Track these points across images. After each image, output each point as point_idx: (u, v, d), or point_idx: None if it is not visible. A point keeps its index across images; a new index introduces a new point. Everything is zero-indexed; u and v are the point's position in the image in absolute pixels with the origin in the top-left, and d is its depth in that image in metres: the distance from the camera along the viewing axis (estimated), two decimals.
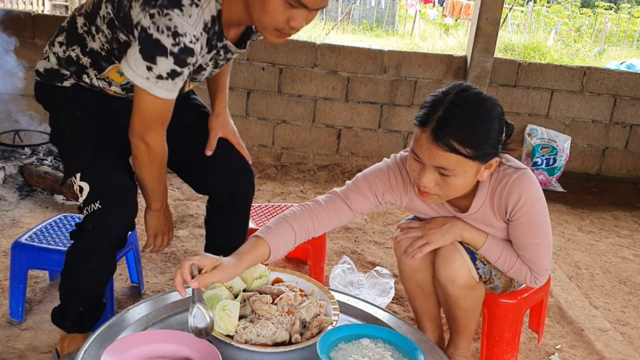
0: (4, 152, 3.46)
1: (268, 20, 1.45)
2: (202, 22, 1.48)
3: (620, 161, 4.65)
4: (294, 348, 1.38)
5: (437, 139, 1.43)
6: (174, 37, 1.42)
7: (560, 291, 2.78)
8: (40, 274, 2.44)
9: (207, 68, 1.70)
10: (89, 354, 1.32)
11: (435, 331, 2.00)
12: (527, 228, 1.63)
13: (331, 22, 16.44)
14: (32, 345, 2.00)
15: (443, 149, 1.43)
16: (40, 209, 3.10)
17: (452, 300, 1.78)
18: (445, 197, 1.57)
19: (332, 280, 2.51)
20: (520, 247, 1.69)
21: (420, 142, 1.47)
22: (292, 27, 1.46)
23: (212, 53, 1.63)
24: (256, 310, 1.47)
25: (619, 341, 2.40)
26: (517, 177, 1.59)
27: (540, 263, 1.68)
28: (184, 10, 1.43)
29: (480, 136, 1.45)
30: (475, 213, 1.68)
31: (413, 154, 1.51)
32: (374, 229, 3.35)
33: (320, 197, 1.68)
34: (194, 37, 1.45)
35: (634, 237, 3.68)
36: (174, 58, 1.44)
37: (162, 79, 1.46)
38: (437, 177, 1.49)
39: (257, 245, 1.50)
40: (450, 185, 1.50)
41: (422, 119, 1.48)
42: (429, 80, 4.37)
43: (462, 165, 1.45)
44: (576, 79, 4.43)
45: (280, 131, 4.40)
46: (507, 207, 1.61)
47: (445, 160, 1.44)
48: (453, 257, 1.70)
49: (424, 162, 1.48)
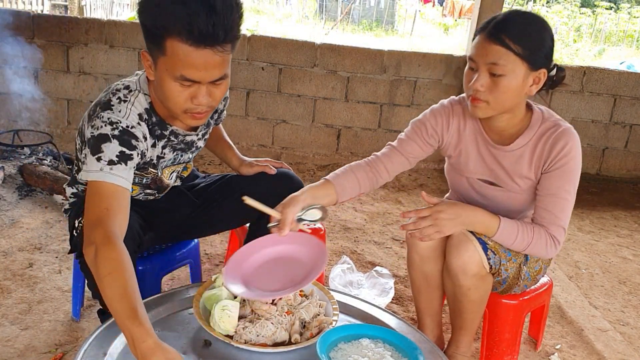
0: (3, 152, 3.46)
1: (172, 104, 1.49)
2: (134, 113, 1.54)
3: (620, 161, 4.65)
4: (294, 348, 1.38)
5: (490, 35, 1.60)
6: (111, 125, 1.49)
7: (560, 291, 2.78)
8: (38, 273, 2.44)
9: (167, 155, 1.73)
10: (89, 354, 1.32)
11: (435, 329, 2.00)
12: (562, 179, 1.69)
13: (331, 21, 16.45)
14: (32, 345, 2.00)
15: (495, 43, 1.59)
16: (39, 209, 3.10)
17: (462, 292, 1.77)
18: (495, 104, 1.65)
19: (332, 280, 2.51)
20: (548, 200, 1.70)
21: (476, 45, 1.64)
22: (198, 103, 1.46)
23: (162, 141, 1.67)
24: (256, 310, 1.47)
25: (618, 341, 2.40)
26: (567, 128, 1.70)
27: (562, 219, 1.70)
28: (113, 109, 1.52)
29: (531, 39, 1.60)
30: (515, 150, 1.75)
31: (469, 62, 1.67)
32: (374, 229, 3.35)
33: (380, 151, 1.90)
34: (129, 124, 1.52)
35: (633, 237, 3.68)
36: (117, 140, 1.49)
37: (114, 163, 1.46)
38: (488, 80, 1.61)
39: (326, 186, 1.76)
40: (500, 88, 1.61)
41: (479, 28, 1.66)
42: (429, 80, 4.37)
43: (512, 63, 1.58)
44: (576, 78, 4.43)
45: (279, 131, 4.40)
46: (551, 153, 1.69)
47: (497, 54, 1.58)
48: (466, 247, 1.71)
49: (477, 64, 1.63)
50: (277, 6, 18.08)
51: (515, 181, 1.78)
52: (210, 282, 1.57)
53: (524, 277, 1.85)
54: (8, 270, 2.45)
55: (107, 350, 1.33)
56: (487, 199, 1.85)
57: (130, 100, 1.55)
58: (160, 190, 1.85)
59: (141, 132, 1.54)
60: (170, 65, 1.40)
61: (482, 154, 1.82)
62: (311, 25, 15.69)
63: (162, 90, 1.47)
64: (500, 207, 1.82)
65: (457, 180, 1.93)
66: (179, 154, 1.79)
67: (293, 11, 17.72)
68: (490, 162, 1.81)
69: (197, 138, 1.80)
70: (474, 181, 1.86)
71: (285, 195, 1.77)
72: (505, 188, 1.80)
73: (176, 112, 1.51)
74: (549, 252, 1.72)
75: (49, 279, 2.42)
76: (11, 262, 2.53)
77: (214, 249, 2.87)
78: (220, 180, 1.98)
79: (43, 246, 2.70)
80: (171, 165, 1.81)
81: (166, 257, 2.00)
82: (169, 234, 1.95)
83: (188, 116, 1.51)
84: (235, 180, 1.95)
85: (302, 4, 18.22)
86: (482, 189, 1.86)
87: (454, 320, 1.91)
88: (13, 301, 2.24)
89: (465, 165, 1.87)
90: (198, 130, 1.75)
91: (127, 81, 1.60)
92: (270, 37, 4.32)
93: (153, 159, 1.68)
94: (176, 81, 1.42)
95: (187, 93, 1.45)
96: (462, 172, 1.89)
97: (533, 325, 2.30)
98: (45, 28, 4.10)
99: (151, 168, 1.71)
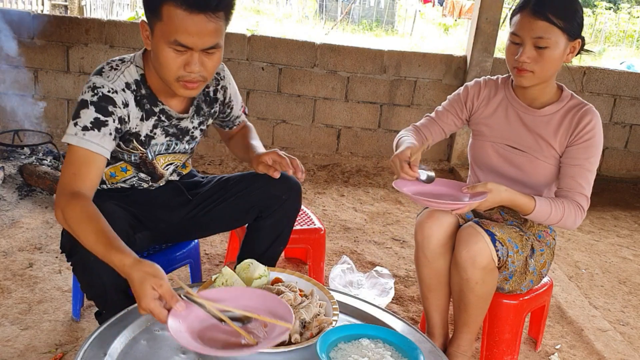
0: (3, 152, 3.46)
1: (166, 72, 1.54)
2: (121, 80, 1.61)
3: (620, 161, 4.66)
4: (294, 348, 1.38)
5: (535, 12, 1.73)
6: (93, 90, 1.57)
7: (560, 291, 2.78)
8: (38, 273, 2.44)
9: (159, 137, 1.74)
10: (89, 354, 1.32)
11: (443, 327, 2.00)
12: (588, 152, 1.82)
13: (331, 21, 16.46)
14: (32, 345, 2.00)
15: (540, 19, 1.72)
16: (39, 208, 3.10)
17: (469, 286, 1.80)
18: (540, 73, 1.79)
19: (332, 280, 2.51)
20: (574, 171, 1.82)
21: (520, 22, 1.77)
22: (190, 71, 1.52)
23: (152, 119, 1.70)
24: None
25: (618, 341, 2.40)
26: (591, 107, 1.87)
27: (587, 189, 1.83)
28: (102, 75, 1.60)
29: (570, 12, 1.75)
30: (545, 116, 1.88)
31: (512, 37, 1.79)
32: (374, 229, 3.35)
33: (418, 122, 2.09)
34: (112, 88, 1.58)
35: (633, 237, 3.68)
36: (94, 106, 1.56)
37: (88, 129, 1.54)
38: (534, 52, 1.76)
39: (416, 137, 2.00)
40: (545, 58, 1.76)
41: (520, 5, 1.78)
42: (429, 80, 4.37)
43: (555, 36, 1.73)
44: (576, 78, 4.43)
45: (279, 131, 4.40)
46: (577, 127, 1.83)
47: (542, 29, 1.73)
48: (475, 239, 1.76)
49: (522, 39, 1.76)
50: (277, 6, 18.08)
51: (540, 145, 1.88)
52: (210, 282, 1.57)
53: (530, 271, 1.89)
54: (8, 270, 2.46)
55: (107, 351, 1.33)
56: (513, 165, 1.92)
57: (121, 69, 1.63)
58: (155, 177, 1.84)
59: (122, 98, 1.60)
60: (166, 31, 1.47)
61: (510, 119, 1.94)
62: (311, 25, 15.70)
63: (157, 57, 1.53)
64: (524, 173, 1.91)
65: (483, 151, 1.99)
66: (173, 141, 1.79)
67: (293, 11, 17.72)
68: (518, 126, 1.92)
69: (192, 126, 1.80)
70: (500, 146, 1.95)
71: (282, 196, 1.79)
72: (529, 153, 1.89)
73: (169, 80, 1.56)
74: (577, 221, 1.84)
75: (49, 279, 2.42)
76: (11, 262, 2.53)
77: (214, 249, 2.87)
78: (217, 181, 1.98)
79: (43, 246, 2.70)
80: (166, 154, 1.81)
81: (166, 257, 2.00)
82: (165, 234, 1.95)
83: (180, 85, 1.56)
84: (232, 181, 1.95)
85: (302, 4, 18.23)
86: (507, 154, 1.93)
87: (457, 317, 1.92)
88: (13, 301, 2.24)
89: (492, 130, 1.96)
90: (190, 112, 1.76)
91: (124, 56, 1.69)
92: (270, 37, 4.32)
93: (140, 133, 1.69)
94: (170, 47, 1.48)
95: (180, 60, 1.51)
96: (488, 138, 1.97)
97: (533, 325, 2.30)
98: (45, 28, 4.11)
99: (138, 144, 1.72)
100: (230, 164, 4.26)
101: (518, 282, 1.90)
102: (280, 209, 1.87)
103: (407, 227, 3.43)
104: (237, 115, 1.98)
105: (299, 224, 2.44)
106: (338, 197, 3.84)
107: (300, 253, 2.79)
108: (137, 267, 1.30)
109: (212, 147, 4.41)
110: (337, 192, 3.95)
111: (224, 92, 1.89)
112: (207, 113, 1.85)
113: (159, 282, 1.27)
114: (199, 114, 1.82)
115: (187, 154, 1.90)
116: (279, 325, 1.30)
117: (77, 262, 1.62)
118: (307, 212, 2.58)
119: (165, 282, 1.29)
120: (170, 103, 1.71)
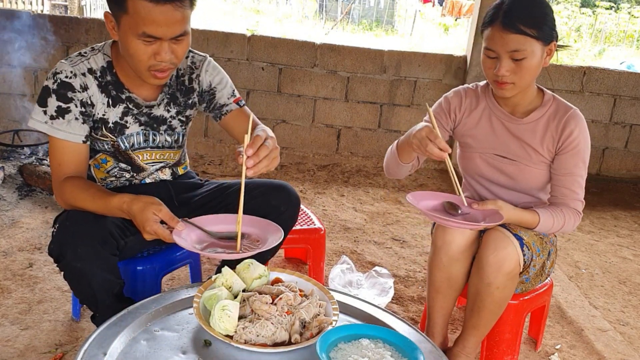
0: (3, 152, 3.46)
1: (136, 62, 1.56)
2: (84, 65, 1.65)
3: (620, 161, 4.66)
4: (294, 348, 1.38)
5: (505, 26, 1.69)
6: (53, 77, 1.62)
7: (560, 291, 2.78)
8: (38, 273, 2.44)
9: (132, 127, 1.73)
10: (89, 354, 1.32)
11: (443, 329, 2.00)
12: (576, 158, 1.84)
13: (331, 21, 16.45)
14: (32, 345, 2.00)
15: (512, 32, 1.69)
16: (39, 208, 3.10)
17: (489, 290, 1.78)
18: (520, 83, 1.76)
19: (332, 280, 2.51)
20: (565, 179, 1.85)
21: (492, 37, 1.73)
22: (161, 60, 1.54)
23: (121, 107, 1.71)
24: (256, 310, 1.47)
25: (618, 341, 2.40)
26: (574, 112, 1.85)
27: (580, 194, 1.87)
28: (67, 60, 1.65)
29: (540, 18, 1.72)
30: (530, 123, 1.86)
31: (487, 52, 1.76)
32: (374, 229, 3.35)
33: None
34: (71, 72, 1.62)
35: (633, 237, 3.68)
36: (55, 94, 1.61)
37: (54, 118, 1.61)
38: (512, 64, 1.73)
39: None
40: (524, 69, 1.73)
41: (489, 19, 1.75)
42: (429, 80, 4.37)
43: (531, 46, 1.70)
44: (576, 78, 4.43)
45: (279, 131, 4.39)
46: (562, 135, 1.83)
47: (516, 42, 1.69)
48: (504, 244, 1.75)
49: (498, 53, 1.72)
50: (277, 6, 18.08)
51: (529, 152, 1.87)
52: (210, 282, 1.57)
53: (545, 273, 1.93)
54: (8, 270, 2.46)
55: (107, 350, 1.33)
56: (504, 174, 1.92)
57: (87, 56, 1.67)
58: (135, 168, 1.81)
59: (80, 82, 1.63)
60: (133, 24, 1.48)
61: (495, 128, 1.92)
62: (311, 25, 15.69)
63: (126, 49, 1.54)
64: (516, 181, 1.90)
65: (472, 162, 1.98)
66: (149, 131, 1.77)
67: (293, 11, 17.72)
68: (504, 135, 1.90)
69: (168, 115, 1.79)
70: (489, 156, 1.93)
71: (280, 207, 1.81)
72: (519, 162, 1.89)
73: (140, 70, 1.58)
74: (576, 225, 1.88)
75: (49, 279, 2.42)
76: (11, 262, 2.53)
77: None
78: (216, 188, 1.95)
79: (43, 246, 2.69)
80: (149, 149, 1.79)
81: (166, 257, 2.00)
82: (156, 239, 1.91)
83: (151, 74, 1.58)
84: (231, 189, 1.91)
85: (302, 4, 18.22)
86: (497, 163, 1.92)
87: (468, 318, 1.89)
88: (13, 301, 2.24)
89: (478, 141, 1.95)
90: (159, 99, 1.75)
91: (95, 44, 1.73)
92: (270, 37, 4.32)
93: (109, 120, 1.70)
94: (139, 39, 1.50)
95: (150, 50, 1.52)
96: (475, 150, 1.95)
97: (533, 325, 2.30)
98: (45, 28, 4.10)
99: (107, 132, 1.71)
100: (230, 164, 4.26)
101: (532, 284, 1.90)
102: (277, 220, 1.84)
103: (407, 227, 3.43)
104: (223, 103, 1.87)
105: (299, 224, 2.44)
106: (338, 197, 3.84)
107: (300, 253, 2.79)
108: (136, 200, 1.47)
109: (212, 147, 4.41)
110: (337, 192, 3.95)
111: (199, 82, 1.84)
112: (184, 103, 1.82)
113: (159, 208, 1.45)
114: (175, 102, 1.80)
115: (174, 149, 1.86)
116: (269, 239, 1.53)
117: (64, 267, 1.62)
118: (307, 212, 2.58)
119: (164, 207, 1.46)
120: (139, 91, 1.72)
